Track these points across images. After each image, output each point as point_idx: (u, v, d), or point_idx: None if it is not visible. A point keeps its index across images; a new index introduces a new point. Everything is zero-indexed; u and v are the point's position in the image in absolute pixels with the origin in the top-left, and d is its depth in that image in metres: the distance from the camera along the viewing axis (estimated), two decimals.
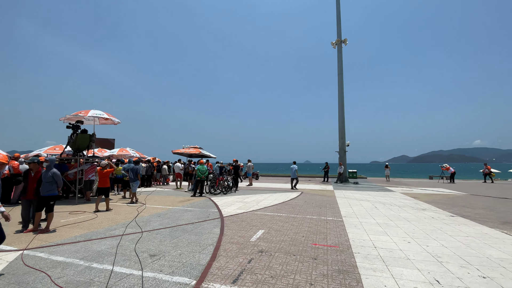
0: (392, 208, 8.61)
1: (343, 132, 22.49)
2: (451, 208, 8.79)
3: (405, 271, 3.50)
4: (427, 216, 7.38)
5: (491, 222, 6.63)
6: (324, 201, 10.28)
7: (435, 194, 12.99)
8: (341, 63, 23.07)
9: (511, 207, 8.93)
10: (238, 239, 5.00)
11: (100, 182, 8.26)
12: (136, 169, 10.02)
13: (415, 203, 9.89)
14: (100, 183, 8.26)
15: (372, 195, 12.28)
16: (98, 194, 8.30)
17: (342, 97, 22.76)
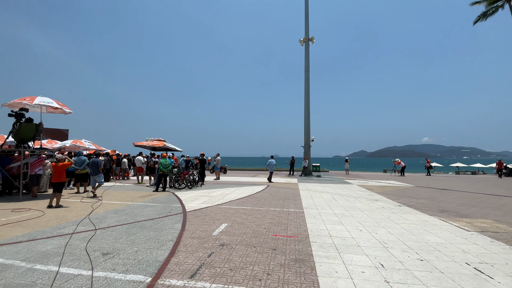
0: (348, 199, 9.23)
1: (308, 128, 23.34)
2: (399, 198, 9.71)
3: (355, 257, 3.79)
4: (379, 206, 8.06)
5: (431, 210, 7.48)
6: (288, 193, 10.64)
7: (387, 186, 14.23)
8: (308, 60, 23.74)
9: (449, 197, 10.15)
10: (200, 233, 4.95)
11: (55, 177, 7.52)
12: (96, 162, 9.54)
13: (369, 194, 10.73)
14: (55, 178, 7.52)
15: (332, 187, 13.02)
16: (53, 190, 7.57)
17: (308, 94, 23.51)
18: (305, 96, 23.61)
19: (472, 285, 2.97)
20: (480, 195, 10.74)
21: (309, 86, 23.66)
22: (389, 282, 3.02)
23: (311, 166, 23.50)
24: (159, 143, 20.30)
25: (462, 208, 7.87)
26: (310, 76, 23.69)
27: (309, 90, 23.56)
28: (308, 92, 23.50)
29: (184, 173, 12.32)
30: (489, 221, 6.20)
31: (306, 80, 23.71)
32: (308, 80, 23.60)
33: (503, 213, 7.10)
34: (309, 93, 23.52)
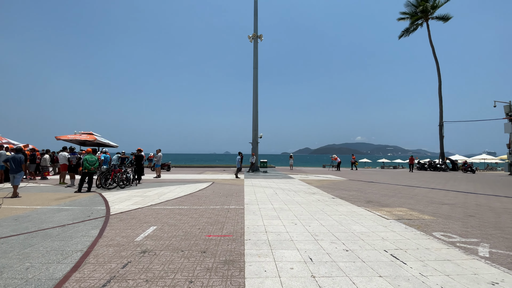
0: (289, 194, 9.49)
1: (256, 125, 23.54)
2: (334, 191, 10.42)
3: (286, 253, 3.72)
4: (315, 199, 8.45)
5: (359, 201, 8.15)
6: (232, 190, 10.40)
7: (324, 180, 15.27)
8: (256, 57, 23.85)
9: (374, 189, 11.33)
10: (120, 240, 4.28)
11: None
12: (19, 159, 8.46)
13: (308, 188, 11.27)
14: None
15: (275, 182, 13.31)
16: None
17: (256, 91, 23.67)
18: (254, 93, 23.72)
19: (389, 272, 3.15)
20: (398, 187, 12.31)
21: (258, 83, 23.85)
22: (315, 277, 2.99)
23: (258, 162, 23.83)
24: (89, 137, 17.80)
25: (384, 198, 8.82)
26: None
27: (257, 87, 23.73)
28: (257, 89, 23.67)
29: (116, 171, 10.96)
30: (404, 209, 7.03)
31: (255, 77, 23.83)
32: (257, 77, 23.76)
33: (415, 202, 8.18)
34: (257, 90, 23.70)
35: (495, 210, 6.95)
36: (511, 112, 21.69)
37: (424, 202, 8.16)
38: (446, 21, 28.79)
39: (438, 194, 9.93)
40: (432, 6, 28.42)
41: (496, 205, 7.74)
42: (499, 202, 8.18)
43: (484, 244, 4.19)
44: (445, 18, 28.69)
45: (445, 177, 18.47)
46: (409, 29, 30.95)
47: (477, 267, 3.31)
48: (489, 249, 3.97)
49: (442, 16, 28.88)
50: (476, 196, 9.52)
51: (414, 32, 30.76)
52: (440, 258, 3.61)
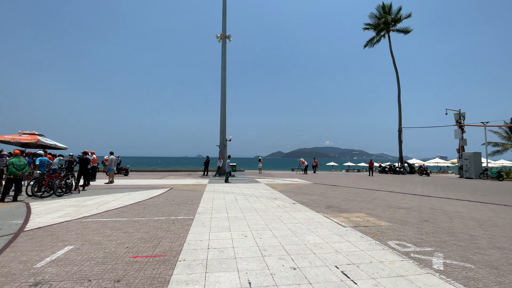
0: (249, 199, 8.92)
1: (224, 127, 22.77)
2: (296, 195, 10.08)
3: (223, 277, 3.10)
4: (275, 205, 7.99)
5: (319, 207, 7.84)
6: (189, 196, 9.56)
7: (290, 183, 15.03)
8: (225, 58, 23.18)
9: (336, 193, 11.23)
10: (15, 266, 3.33)
11: None
12: None
13: (271, 193, 10.82)
14: None
15: (239, 187, 12.70)
16: None
17: (224, 92, 22.96)
18: (222, 95, 22.97)
19: None
20: (359, 190, 12.41)
21: (226, 84, 23.17)
22: None
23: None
24: (31, 137, 15.64)
25: (344, 203, 8.65)
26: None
27: (225, 88, 23.03)
28: (225, 90, 22.96)
29: (53, 176, 9.50)
30: (362, 214, 6.83)
31: (223, 78, 23.12)
32: (225, 78, 23.06)
33: (374, 206, 8.09)
34: (225, 92, 22.99)
35: (447, 214, 7.05)
36: (460, 119, 23.69)
37: (382, 206, 8.11)
38: (406, 33, 30.85)
39: (396, 197, 10.07)
40: (393, 19, 30.29)
41: (449, 208, 7.92)
42: (451, 205, 8.43)
43: (438, 254, 3.97)
44: (406, 31, 30.74)
45: (403, 180, 19.36)
46: (373, 40, 32.65)
47: (431, 284, 2.98)
48: (443, 260, 3.73)
49: (403, 29, 30.91)
50: (430, 199, 9.81)
51: (378, 43, 32.53)
52: (393, 274, 3.25)
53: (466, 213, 7.14)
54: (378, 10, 31.59)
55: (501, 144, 38.66)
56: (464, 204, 8.73)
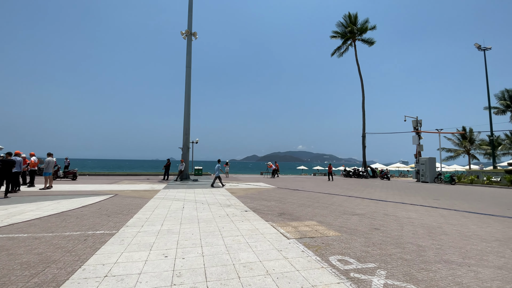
0: (199, 207, 8.05)
1: (187, 128, 21.58)
2: (253, 201, 9.41)
3: None
4: (224, 213, 7.21)
5: (271, 214, 7.22)
6: (130, 205, 8.42)
7: (253, 188, 14.36)
8: (189, 55, 22.11)
9: (295, 198, 10.77)
10: None
11: None
12: None
13: (227, 199, 10.03)
14: None
15: (196, 193, 11.73)
16: None
17: (189, 91, 21.82)
18: (186, 94, 21.81)
19: None
20: (319, 195, 12.12)
21: (191, 83, 22.08)
22: None
23: (189, 170, 21.81)
24: None
25: (299, 209, 8.14)
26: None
27: (190, 87, 21.92)
28: (189, 89, 21.84)
29: None
30: (313, 223, 6.32)
31: (187, 76, 21.99)
32: (190, 76, 21.96)
33: (329, 212, 7.68)
34: (190, 91, 21.87)
35: (399, 221, 6.81)
36: (417, 126, 25.04)
37: (337, 212, 7.73)
38: (370, 44, 32.25)
39: (353, 202, 9.85)
40: (358, 29, 31.50)
41: (401, 214, 7.76)
42: (404, 211, 8.32)
43: (380, 272, 3.47)
44: (370, 42, 32.12)
45: (364, 184, 19.73)
46: (341, 48, 33.67)
47: None
48: (384, 280, 3.23)
49: (367, 40, 32.26)
50: (385, 204, 9.72)
51: (346, 51, 33.60)
52: None
53: (417, 220, 6.97)
54: (345, 19, 32.69)
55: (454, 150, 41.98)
56: (416, 209, 8.70)
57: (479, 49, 32.34)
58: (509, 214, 7.95)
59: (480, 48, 32.34)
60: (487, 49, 32.41)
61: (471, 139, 39.41)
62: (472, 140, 39.46)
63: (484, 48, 32.37)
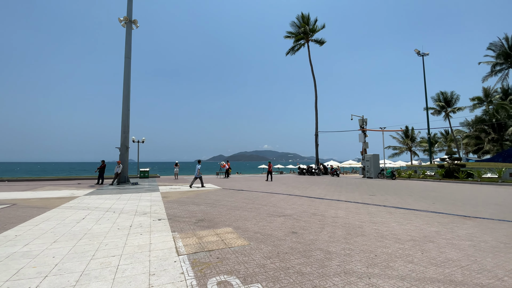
0: (103, 218, 6.70)
1: (126, 125, 19.46)
2: (179, 207, 8.32)
3: None
4: (128, 224, 6.01)
5: (187, 222, 6.24)
6: (13, 217, 6.69)
7: (193, 191, 13.19)
8: (129, 45, 20.00)
9: (233, 199, 9.92)
10: None
11: None
12: None
13: (150, 205, 8.77)
14: None
15: (120, 199, 10.19)
16: None
17: (128, 85, 19.72)
18: (124, 87, 19.66)
19: None
20: (261, 194, 11.48)
21: (130, 75, 19.99)
22: None
23: (134, 172, 19.70)
24: None
25: (226, 213, 7.30)
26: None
27: (129, 80, 19.82)
28: (129, 82, 19.73)
29: None
30: (228, 229, 5.50)
31: (126, 67, 19.85)
32: (129, 68, 19.86)
33: (254, 215, 6.96)
34: (129, 84, 19.78)
35: (324, 221, 6.36)
36: (363, 124, 26.29)
37: (264, 214, 7.05)
38: (321, 44, 33.14)
39: (290, 201, 9.36)
40: (310, 29, 32.12)
41: (330, 213, 7.39)
42: (335, 209, 8.00)
43: None
44: (321, 42, 33.00)
45: (313, 181, 19.85)
46: (294, 48, 34.05)
47: None
48: None
49: (319, 40, 33.09)
50: (321, 202, 9.41)
51: (299, 50, 34.05)
52: None
53: (342, 219, 6.60)
54: (298, 19, 33.14)
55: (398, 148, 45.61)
56: (348, 206, 8.47)
57: (419, 54, 35.43)
58: (432, 209, 8.10)
59: (419, 54, 35.44)
60: (425, 55, 35.68)
61: (412, 137, 43.24)
62: (413, 138, 43.30)
63: (422, 53, 35.58)
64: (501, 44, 34.64)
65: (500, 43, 34.80)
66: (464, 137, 39.05)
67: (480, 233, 5.29)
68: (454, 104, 40.57)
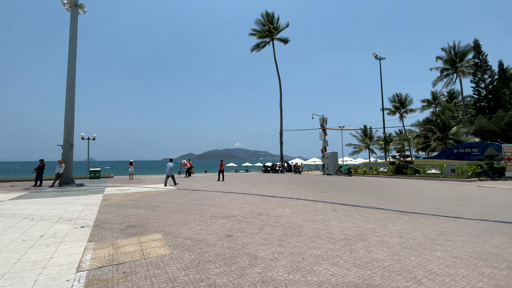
0: (14, 227, 5.69)
1: (71, 121, 17.57)
2: (114, 211, 7.49)
3: None
4: (41, 233, 5.14)
5: (114, 229, 5.54)
6: None
7: (141, 192, 12.22)
8: (74, 31, 18.04)
9: (181, 201, 9.29)
10: None
11: None
12: None
13: (83, 209, 7.80)
14: None
15: (53, 203, 8.97)
16: None
17: (73, 76, 17.79)
18: (68, 77, 17.70)
19: None
20: (213, 194, 11.01)
21: (75, 65, 18.08)
22: None
23: (72, 173, 17.79)
24: None
25: (166, 216, 6.70)
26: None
27: (74, 70, 17.91)
28: (74, 73, 17.80)
29: None
30: (157, 236, 4.95)
31: (71, 56, 17.90)
32: (74, 56, 17.93)
33: (196, 218, 6.48)
34: (74, 74, 17.86)
35: (266, 221, 6.11)
36: (323, 123, 27.14)
37: (207, 216, 6.61)
38: (285, 43, 33.47)
39: (242, 200, 9.04)
40: (274, 28, 32.24)
41: (276, 212, 7.19)
42: (283, 207, 7.84)
43: None
44: (285, 40, 33.33)
45: (274, 179, 19.88)
46: (259, 45, 33.93)
47: None
48: None
49: (283, 39, 33.38)
50: (272, 200, 9.24)
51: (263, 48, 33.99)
52: None
53: (286, 218, 6.43)
54: (263, 17, 33.06)
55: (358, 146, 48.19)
56: (297, 204, 8.40)
57: (376, 58, 37.59)
58: (375, 205, 8.35)
59: (377, 57, 37.61)
60: (382, 59, 37.96)
61: (370, 136, 46.01)
62: (371, 137, 46.07)
63: (380, 57, 37.81)
64: (449, 51, 38.20)
65: (449, 49, 38.35)
66: (414, 136, 42.54)
67: (411, 229, 5.43)
68: (408, 106, 43.96)
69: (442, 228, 5.54)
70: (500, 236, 4.91)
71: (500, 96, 36.21)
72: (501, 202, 8.87)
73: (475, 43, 37.14)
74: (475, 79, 37.14)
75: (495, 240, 4.71)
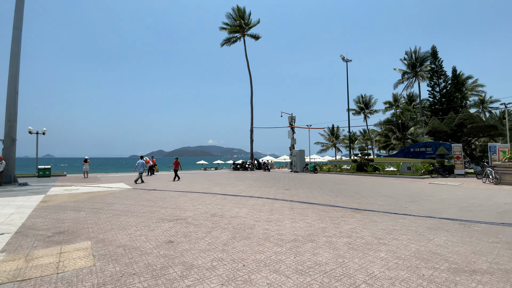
0: None
1: (13, 113, 15.61)
2: (50, 214, 6.61)
3: None
4: None
5: (32, 237, 4.80)
6: None
7: (92, 192, 11.17)
8: (20, 13, 16.07)
9: (131, 202, 8.58)
10: None
11: None
12: None
13: (11, 213, 6.78)
14: None
15: None
16: None
17: (16, 63, 15.79)
18: (11, 64, 15.69)
19: None
20: (170, 194, 10.41)
21: (20, 49, 16.08)
22: None
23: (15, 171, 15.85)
24: None
25: (108, 219, 6.04)
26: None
27: (19, 55, 15.92)
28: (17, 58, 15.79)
29: None
30: (85, 244, 4.34)
31: (14, 41, 15.92)
32: (18, 41, 15.92)
33: (143, 220, 5.93)
34: (18, 59, 15.86)
35: (218, 222, 5.76)
36: (292, 122, 27.51)
37: (155, 219, 6.08)
38: (257, 39, 33.27)
39: (199, 200, 8.59)
40: (245, 23, 31.83)
41: (232, 212, 6.88)
42: (240, 207, 7.55)
43: None
44: (256, 37, 33.11)
45: (241, 177, 19.60)
46: (230, 39, 33.30)
47: None
48: None
49: (254, 35, 33.12)
50: (231, 199, 8.92)
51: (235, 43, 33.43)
52: None
53: (240, 218, 6.14)
54: (234, 11, 32.46)
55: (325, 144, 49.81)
56: (255, 203, 8.17)
57: (343, 60, 38.94)
58: (332, 202, 8.41)
59: (344, 59, 38.97)
60: (349, 61, 39.43)
61: (337, 135, 47.84)
62: (337, 136, 47.92)
63: (347, 60, 39.23)
64: (411, 55, 40.83)
65: (410, 54, 40.98)
66: (376, 135, 45.08)
67: (361, 228, 5.44)
68: (372, 107, 46.41)
69: (391, 226, 5.63)
70: (443, 234, 5.05)
71: (453, 100, 39.69)
72: (448, 199, 9.40)
73: (433, 49, 40.18)
74: (431, 83, 40.25)
75: (438, 238, 4.81)
